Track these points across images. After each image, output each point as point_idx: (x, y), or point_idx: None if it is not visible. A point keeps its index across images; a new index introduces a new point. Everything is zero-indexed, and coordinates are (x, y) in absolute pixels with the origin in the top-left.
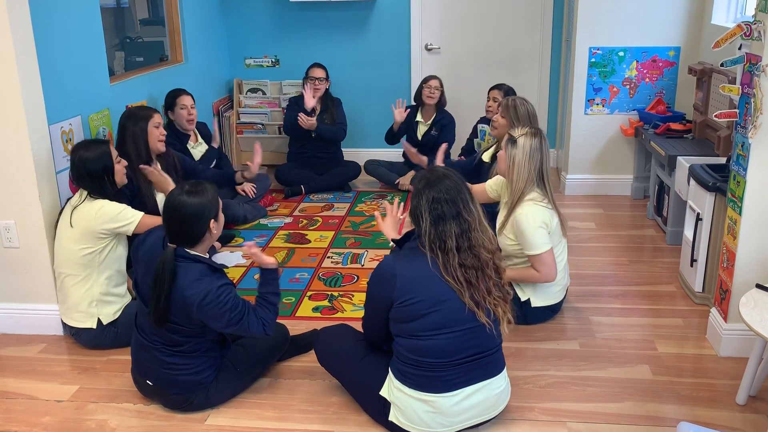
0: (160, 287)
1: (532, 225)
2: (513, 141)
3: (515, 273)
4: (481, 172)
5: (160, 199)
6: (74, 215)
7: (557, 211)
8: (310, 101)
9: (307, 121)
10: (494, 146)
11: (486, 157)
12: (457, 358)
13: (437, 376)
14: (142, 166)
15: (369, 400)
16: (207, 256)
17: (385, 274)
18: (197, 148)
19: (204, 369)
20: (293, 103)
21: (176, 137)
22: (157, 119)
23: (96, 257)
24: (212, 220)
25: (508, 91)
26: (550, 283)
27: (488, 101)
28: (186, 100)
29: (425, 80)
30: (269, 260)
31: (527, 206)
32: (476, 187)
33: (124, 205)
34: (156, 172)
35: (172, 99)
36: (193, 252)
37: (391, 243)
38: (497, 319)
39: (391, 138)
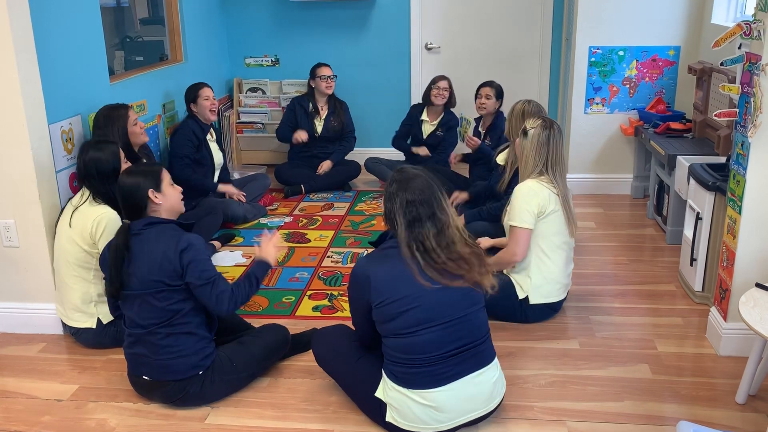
0: (114, 259)
1: (527, 197)
2: (525, 132)
3: (492, 259)
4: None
5: None
6: (74, 216)
7: (566, 206)
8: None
9: (321, 169)
10: (507, 147)
11: (500, 159)
12: (444, 351)
13: (427, 371)
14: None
15: (365, 402)
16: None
17: (358, 277)
18: (212, 144)
19: (197, 350)
20: (295, 104)
21: (199, 128)
22: (133, 117)
23: (94, 258)
24: (151, 190)
25: (498, 87)
26: (546, 277)
27: (480, 98)
28: (208, 91)
29: (434, 81)
30: (270, 254)
31: (531, 181)
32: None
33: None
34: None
35: (194, 92)
36: (152, 215)
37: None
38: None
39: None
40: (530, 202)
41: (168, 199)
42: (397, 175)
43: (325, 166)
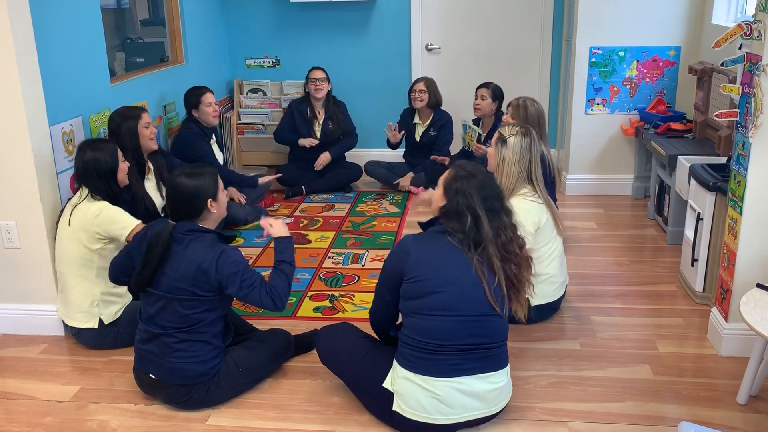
0: (150, 257)
1: (522, 221)
2: (503, 140)
3: None
4: None
5: (159, 202)
6: (73, 214)
7: (550, 207)
8: (312, 143)
9: (319, 164)
10: None
11: None
12: (459, 343)
13: (438, 359)
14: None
15: (372, 395)
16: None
17: (400, 249)
18: (214, 145)
19: (209, 359)
20: (293, 108)
21: (203, 132)
22: (146, 119)
23: (95, 256)
24: (210, 200)
25: (495, 89)
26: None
27: (476, 99)
28: (210, 97)
29: (412, 85)
30: (279, 231)
31: (521, 200)
32: None
33: (123, 211)
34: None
35: (196, 98)
36: (200, 224)
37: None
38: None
39: (393, 146)
40: (528, 225)
41: (221, 207)
42: (460, 171)
43: (323, 158)
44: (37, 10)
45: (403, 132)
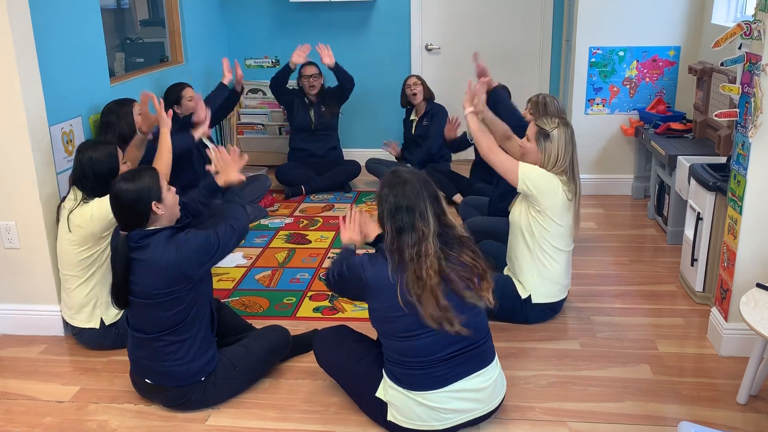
0: (116, 274)
1: (542, 175)
2: (546, 134)
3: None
4: None
5: None
6: (71, 220)
7: (577, 208)
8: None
9: (326, 57)
10: None
11: None
12: (444, 354)
13: (428, 373)
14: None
15: (366, 402)
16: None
17: (356, 277)
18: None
19: (200, 354)
20: (294, 94)
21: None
22: (137, 108)
23: (98, 259)
24: (154, 203)
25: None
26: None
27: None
28: (190, 91)
29: (404, 82)
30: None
31: (555, 179)
32: (514, 145)
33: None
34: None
35: (176, 94)
36: (150, 228)
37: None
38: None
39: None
40: (539, 178)
41: (168, 207)
42: (389, 178)
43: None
44: (37, 10)
45: (402, 147)
